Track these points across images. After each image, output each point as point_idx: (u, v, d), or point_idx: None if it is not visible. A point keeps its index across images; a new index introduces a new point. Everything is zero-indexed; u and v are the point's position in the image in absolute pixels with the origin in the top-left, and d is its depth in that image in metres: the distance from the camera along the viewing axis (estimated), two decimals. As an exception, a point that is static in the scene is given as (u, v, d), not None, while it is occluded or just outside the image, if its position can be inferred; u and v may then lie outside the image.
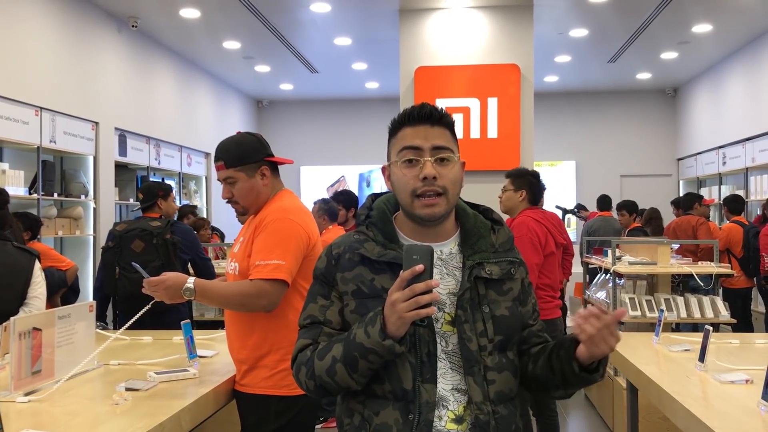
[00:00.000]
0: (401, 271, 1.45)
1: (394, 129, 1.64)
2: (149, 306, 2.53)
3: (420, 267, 1.43)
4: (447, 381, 1.55)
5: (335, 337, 1.59)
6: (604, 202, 8.72)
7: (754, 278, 6.75)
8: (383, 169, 1.69)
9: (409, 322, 1.44)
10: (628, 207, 8.22)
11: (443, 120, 1.61)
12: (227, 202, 2.53)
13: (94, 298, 4.36)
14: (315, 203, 5.28)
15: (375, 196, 1.75)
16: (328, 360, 1.54)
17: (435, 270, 1.57)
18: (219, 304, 2.47)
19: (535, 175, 4.42)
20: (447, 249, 1.64)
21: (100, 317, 4.23)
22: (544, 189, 4.62)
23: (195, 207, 8.08)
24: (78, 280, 5.34)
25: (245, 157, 2.47)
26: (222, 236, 7.91)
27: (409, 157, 1.57)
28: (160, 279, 2.32)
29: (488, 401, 1.54)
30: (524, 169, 4.52)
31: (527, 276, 1.72)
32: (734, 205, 7.27)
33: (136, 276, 3.91)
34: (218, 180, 2.53)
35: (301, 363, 1.62)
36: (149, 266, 4.06)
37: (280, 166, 2.60)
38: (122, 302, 4.16)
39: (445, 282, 1.60)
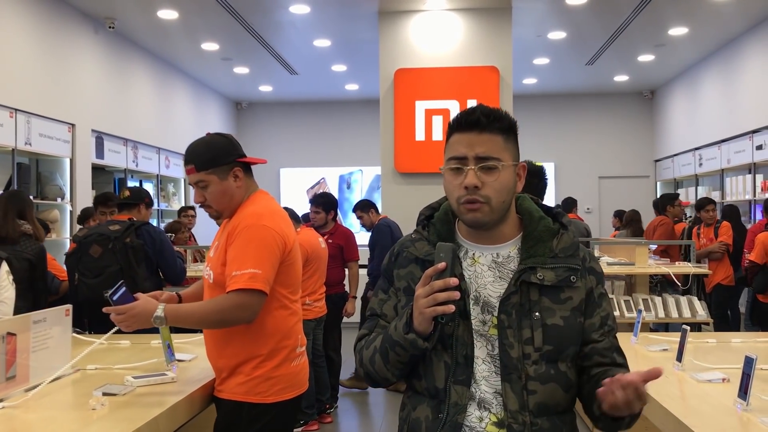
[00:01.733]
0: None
1: (448, 135, 1.64)
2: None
3: (442, 265, 1.45)
4: (490, 384, 1.54)
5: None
6: (568, 204, 8.68)
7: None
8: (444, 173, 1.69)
9: (429, 318, 1.46)
10: (566, 206, 8.07)
11: (492, 125, 1.56)
12: (200, 206, 2.46)
13: (69, 302, 4.29)
14: None
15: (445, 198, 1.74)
16: (371, 350, 1.61)
17: (489, 273, 1.59)
18: (197, 325, 2.35)
19: (536, 174, 3.62)
20: (505, 252, 1.61)
21: (78, 323, 4.16)
22: (544, 186, 3.72)
23: (191, 207, 7.96)
24: (67, 294, 5.24)
25: (216, 160, 2.40)
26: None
27: (455, 165, 1.57)
28: (127, 307, 2.19)
29: (526, 411, 1.51)
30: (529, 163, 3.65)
31: (599, 286, 1.63)
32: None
33: (93, 282, 3.87)
34: (189, 184, 2.46)
35: (357, 351, 1.69)
36: (106, 271, 3.97)
37: (260, 168, 2.55)
38: (83, 308, 3.96)
39: (497, 285, 1.58)
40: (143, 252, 4.06)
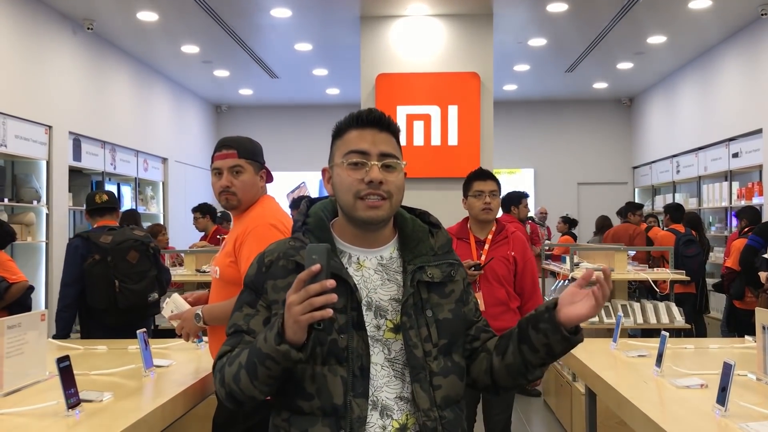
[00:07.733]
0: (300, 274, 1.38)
1: (340, 131, 1.63)
2: None
3: (316, 267, 1.34)
4: (391, 390, 1.53)
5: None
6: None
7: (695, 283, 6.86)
8: (323, 171, 1.67)
9: (305, 326, 1.35)
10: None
11: (391, 127, 1.61)
12: (221, 191, 2.56)
13: (63, 311, 4.14)
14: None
15: (311, 202, 1.71)
16: (236, 366, 1.49)
17: (377, 276, 1.58)
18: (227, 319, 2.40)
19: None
20: (387, 254, 1.61)
21: (68, 330, 4.11)
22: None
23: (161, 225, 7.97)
24: (28, 296, 4.97)
25: (257, 155, 2.64)
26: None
27: (356, 160, 1.56)
28: (181, 312, 2.56)
29: (435, 407, 1.52)
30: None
31: (467, 276, 1.75)
32: (675, 213, 7.40)
33: (137, 287, 4.09)
34: (219, 168, 2.56)
35: (217, 370, 1.56)
36: (147, 276, 4.19)
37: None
38: (121, 315, 4.09)
39: (387, 288, 1.57)
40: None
